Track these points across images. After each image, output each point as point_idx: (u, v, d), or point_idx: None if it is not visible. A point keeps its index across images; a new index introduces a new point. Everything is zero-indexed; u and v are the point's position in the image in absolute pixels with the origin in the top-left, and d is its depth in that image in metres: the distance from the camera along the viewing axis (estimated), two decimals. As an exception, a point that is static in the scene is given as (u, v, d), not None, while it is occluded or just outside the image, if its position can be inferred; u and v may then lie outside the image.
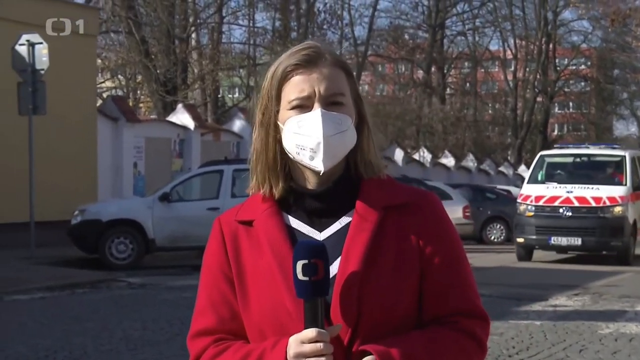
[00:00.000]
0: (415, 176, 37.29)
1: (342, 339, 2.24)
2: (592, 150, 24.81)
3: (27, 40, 21.41)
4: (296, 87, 2.35)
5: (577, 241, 21.47)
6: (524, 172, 44.37)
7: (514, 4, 64.13)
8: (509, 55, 67.17)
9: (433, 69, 60.49)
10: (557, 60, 69.04)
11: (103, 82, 42.87)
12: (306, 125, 2.32)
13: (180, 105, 37.16)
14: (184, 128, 33.39)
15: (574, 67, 72.53)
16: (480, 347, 2.37)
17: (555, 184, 23.25)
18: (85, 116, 28.10)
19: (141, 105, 46.01)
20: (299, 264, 2.17)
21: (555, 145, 26.39)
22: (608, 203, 20.92)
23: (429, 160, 50.61)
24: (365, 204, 2.35)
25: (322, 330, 2.16)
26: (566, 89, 75.15)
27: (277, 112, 2.40)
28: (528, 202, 22.28)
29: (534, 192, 22.83)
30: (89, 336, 12.14)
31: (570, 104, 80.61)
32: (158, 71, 43.60)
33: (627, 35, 51.78)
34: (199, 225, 20.77)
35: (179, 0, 45.26)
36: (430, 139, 57.23)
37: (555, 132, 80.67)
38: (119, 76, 49.41)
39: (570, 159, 24.98)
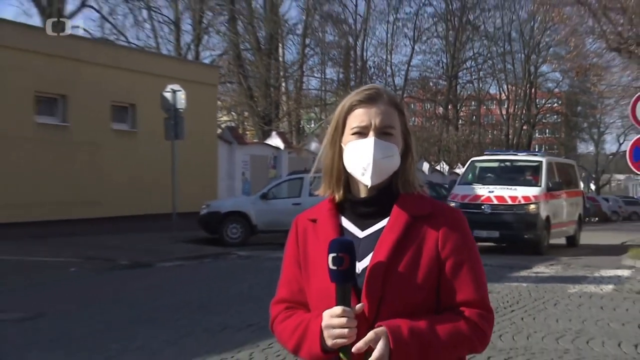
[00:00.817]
0: (437, 182, 37.03)
1: (368, 318, 2.19)
2: (515, 157, 23.49)
3: (172, 89, 21.56)
4: (358, 118, 2.33)
5: (496, 234, 20.08)
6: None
7: (507, 61, 63.62)
8: (503, 96, 66.72)
9: (450, 106, 60.02)
10: (537, 100, 68.54)
11: (221, 117, 42.87)
12: (361, 148, 2.28)
13: (274, 133, 37.10)
14: (277, 148, 33.42)
15: (549, 105, 72.19)
16: (481, 335, 2.28)
17: (480, 185, 21.93)
18: (210, 140, 28.23)
19: (247, 132, 46.09)
20: (330, 256, 2.15)
21: (485, 152, 25.43)
22: (522, 201, 19.69)
23: (446, 170, 50.48)
24: (398, 212, 2.31)
25: (347, 308, 2.13)
26: (544, 121, 74.85)
27: (342, 136, 2.37)
28: (455, 200, 20.84)
29: (462, 192, 21.60)
30: (213, 292, 12.18)
31: (547, 130, 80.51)
32: (259, 109, 43.65)
33: (587, 83, 51.33)
34: (287, 215, 20.54)
35: (273, 59, 45.31)
36: (447, 156, 56.70)
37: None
38: (232, 113, 49.49)
39: (496, 164, 23.43)
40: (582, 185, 21.96)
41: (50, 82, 22.33)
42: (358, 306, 2.16)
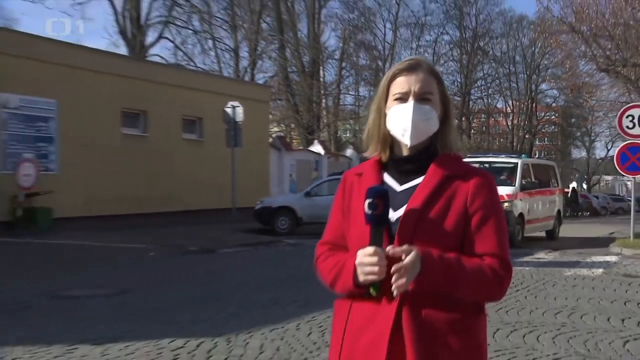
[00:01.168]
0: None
1: (399, 259, 2.06)
2: (493, 159, 21.89)
3: (232, 105, 21.72)
4: (399, 85, 2.25)
5: None
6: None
7: (512, 80, 63.36)
8: (509, 110, 66.35)
9: (463, 118, 59.61)
10: (537, 113, 68.03)
11: (272, 128, 42.94)
12: (402, 112, 2.21)
13: (316, 141, 37.20)
14: (318, 154, 33.47)
15: (547, 117, 71.65)
16: (500, 282, 2.16)
17: None
18: (263, 148, 28.34)
19: (294, 141, 46.12)
20: (366, 202, 2.08)
21: (468, 155, 24.27)
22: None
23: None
24: (434, 170, 2.22)
25: (378, 248, 2.06)
26: (543, 130, 73.96)
27: (386, 102, 2.29)
28: None
29: None
30: (266, 273, 12.22)
31: (545, 139, 79.41)
32: (303, 121, 43.75)
33: (580, 99, 51.00)
34: (327, 210, 20.52)
35: (315, 80, 45.42)
36: (461, 160, 56.80)
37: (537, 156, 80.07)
38: (281, 124, 49.54)
39: (477, 165, 21.90)
40: (560, 184, 20.69)
41: (133, 100, 22.63)
42: (389, 247, 2.08)
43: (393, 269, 2.03)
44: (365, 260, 2.06)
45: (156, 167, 22.63)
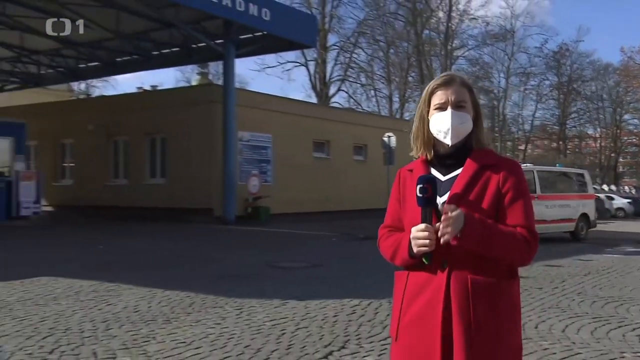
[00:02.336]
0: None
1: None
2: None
3: (387, 135, 21.73)
4: (438, 97, 2.05)
5: None
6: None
7: (600, 113, 59.03)
8: (597, 135, 62.03)
9: (560, 142, 56.78)
10: (621, 137, 62.85)
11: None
12: (442, 118, 2.02)
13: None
14: None
15: (630, 140, 65.50)
16: (528, 247, 1.95)
17: None
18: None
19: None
20: (418, 187, 1.93)
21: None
22: None
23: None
24: (470, 162, 2.02)
25: (429, 225, 1.91)
26: (626, 150, 67.17)
27: (428, 112, 2.09)
28: None
29: None
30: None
31: (628, 157, 71.72)
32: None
33: None
34: None
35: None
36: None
37: (620, 171, 74.18)
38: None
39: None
40: (591, 190, 17.34)
41: (320, 133, 23.25)
42: (437, 224, 1.91)
43: (442, 220, 1.89)
44: (418, 234, 1.91)
45: (335, 179, 23.05)
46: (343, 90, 41.71)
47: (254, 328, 5.53)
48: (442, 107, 2.04)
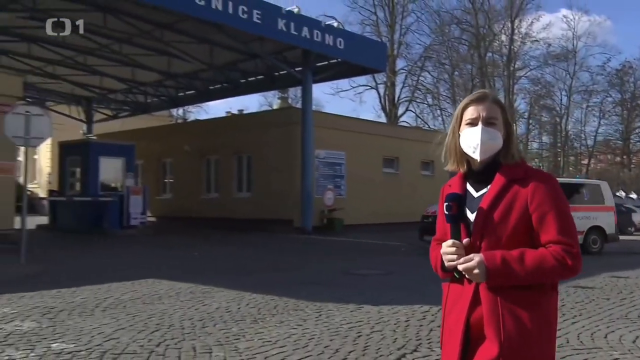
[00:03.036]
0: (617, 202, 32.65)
1: (475, 249, 1.82)
2: None
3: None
4: (470, 113, 1.93)
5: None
6: None
7: None
8: None
9: (624, 156, 53.35)
10: None
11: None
12: (472, 134, 1.90)
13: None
14: None
15: None
16: (564, 264, 1.76)
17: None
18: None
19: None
20: (444, 205, 1.85)
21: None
22: (430, 213, 14.19)
23: (623, 195, 44.59)
24: (498, 178, 1.88)
25: (457, 241, 1.81)
26: None
27: (459, 126, 1.97)
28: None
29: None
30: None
31: None
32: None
33: None
34: None
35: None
36: (623, 186, 50.85)
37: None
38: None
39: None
40: (608, 202, 14.66)
41: (390, 150, 23.03)
42: (465, 240, 1.83)
43: (463, 270, 1.79)
44: (447, 250, 1.84)
45: (403, 193, 22.71)
46: (411, 110, 41.30)
47: (332, 330, 5.53)
48: (473, 123, 1.93)
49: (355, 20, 50.41)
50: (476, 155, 1.91)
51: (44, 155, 31.84)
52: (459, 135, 1.97)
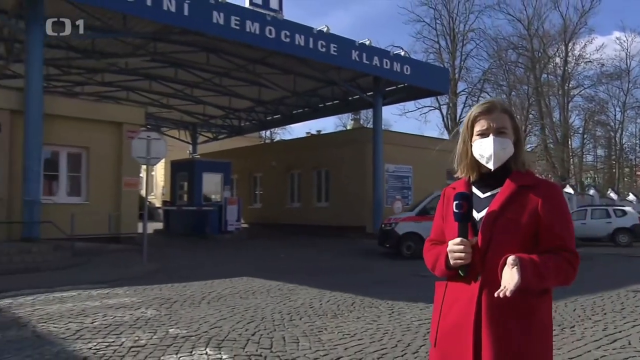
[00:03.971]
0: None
1: (481, 249, 1.67)
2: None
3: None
4: (480, 124, 1.78)
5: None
6: None
7: None
8: None
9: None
10: None
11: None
12: (485, 144, 1.76)
13: (567, 185, 33.26)
14: (569, 193, 29.66)
15: None
16: (572, 269, 1.66)
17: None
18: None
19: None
20: (454, 203, 1.70)
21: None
22: (392, 220, 13.28)
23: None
24: (509, 183, 1.74)
25: (465, 239, 1.66)
26: None
27: (471, 137, 1.81)
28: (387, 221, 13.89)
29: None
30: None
31: None
32: (558, 172, 39.78)
33: None
34: (590, 228, 18.86)
35: (565, 147, 41.01)
36: None
37: None
38: (542, 175, 45.13)
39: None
40: None
41: (453, 164, 22.45)
42: (473, 239, 1.68)
43: (503, 279, 1.59)
44: (454, 248, 1.67)
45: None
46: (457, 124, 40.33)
47: (404, 326, 5.45)
48: (484, 134, 1.78)
49: (420, 48, 50.16)
50: (490, 165, 1.78)
51: (159, 172, 33.47)
52: (471, 145, 1.82)
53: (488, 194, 1.78)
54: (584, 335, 5.18)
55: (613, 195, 31.93)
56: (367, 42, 16.20)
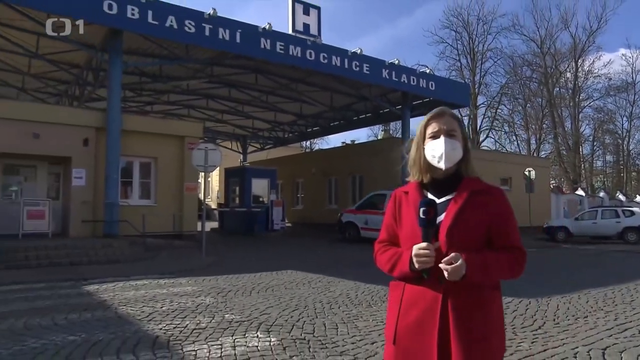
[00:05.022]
0: None
1: (443, 251, 1.58)
2: (380, 191, 14.89)
3: (528, 170, 19.72)
4: (432, 127, 1.71)
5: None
6: None
7: None
8: None
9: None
10: None
11: (551, 181, 37.99)
12: (437, 145, 1.68)
13: (579, 188, 31.81)
14: (581, 195, 28.37)
15: None
16: (521, 264, 1.63)
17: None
18: (545, 193, 24.96)
19: (564, 188, 39.94)
20: (421, 209, 1.59)
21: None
22: (341, 212, 13.29)
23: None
24: (462, 188, 1.67)
25: (429, 244, 1.58)
26: None
27: (424, 140, 1.72)
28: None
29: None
30: (564, 260, 10.64)
31: None
32: (570, 177, 38.10)
33: None
34: (594, 228, 18.00)
35: (577, 154, 39.18)
36: None
37: None
38: (556, 179, 43.22)
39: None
40: None
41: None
42: (436, 243, 1.60)
43: (447, 269, 1.55)
44: (420, 252, 1.58)
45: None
46: (490, 137, 39.24)
47: (432, 316, 5.28)
48: (435, 136, 1.71)
49: (443, 66, 49.71)
50: (441, 165, 1.69)
51: (215, 178, 34.24)
52: (424, 148, 1.74)
53: (444, 199, 1.70)
54: (597, 324, 4.97)
55: (621, 197, 30.55)
56: (396, 62, 16.06)
